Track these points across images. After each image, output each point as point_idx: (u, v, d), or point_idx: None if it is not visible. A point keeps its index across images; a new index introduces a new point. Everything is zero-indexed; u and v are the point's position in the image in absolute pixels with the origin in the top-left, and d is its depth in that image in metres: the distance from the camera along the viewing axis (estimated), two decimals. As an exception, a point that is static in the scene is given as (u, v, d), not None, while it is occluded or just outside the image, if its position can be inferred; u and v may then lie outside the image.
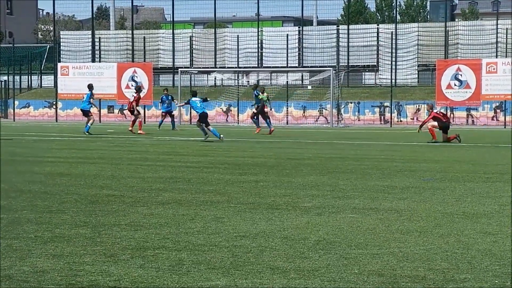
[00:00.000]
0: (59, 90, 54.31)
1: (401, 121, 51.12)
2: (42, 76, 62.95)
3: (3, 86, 59.40)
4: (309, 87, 54.87)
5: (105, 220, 9.88)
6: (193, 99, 28.62)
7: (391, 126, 48.73)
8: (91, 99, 33.17)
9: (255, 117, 37.23)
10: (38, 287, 6.49)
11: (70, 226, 9.41)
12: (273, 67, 56.92)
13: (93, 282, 6.64)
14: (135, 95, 35.80)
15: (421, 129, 29.14)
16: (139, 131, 33.46)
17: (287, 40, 57.74)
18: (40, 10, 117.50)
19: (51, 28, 77.95)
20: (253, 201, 11.73)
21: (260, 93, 37.53)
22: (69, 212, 10.48)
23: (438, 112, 29.66)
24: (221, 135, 27.76)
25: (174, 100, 42.21)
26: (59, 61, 58.14)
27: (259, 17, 60.94)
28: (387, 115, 51.45)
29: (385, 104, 51.75)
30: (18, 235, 8.79)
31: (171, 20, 63.50)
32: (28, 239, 8.55)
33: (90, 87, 33.89)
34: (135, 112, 34.28)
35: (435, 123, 28.14)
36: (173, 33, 60.00)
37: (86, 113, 33.51)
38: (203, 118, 28.07)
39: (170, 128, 39.34)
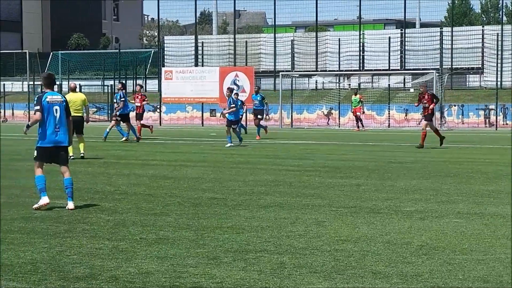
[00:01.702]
0: (163, 94, 55.09)
1: (506, 124, 50.02)
2: (147, 81, 63.96)
3: (109, 91, 60.61)
4: (412, 90, 54.22)
5: (207, 223, 9.99)
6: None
7: (496, 129, 47.75)
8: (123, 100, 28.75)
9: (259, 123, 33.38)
10: (143, 288, 6.62)
11: (174, 228, 9.54)
12: (374, 70, 56.47)
13: (196, 284, 6.72)
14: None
15: None
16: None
17: (389, 43, 57.19)
18: (145, 16, 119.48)
19: (156, 34, 79.13)
20: (354, 205, 11.68)
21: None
22: (173, 215, 10.64)
23: None
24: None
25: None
26: (163, 66, 58.99)
27: (361, 20, 60.57)
28: (492, 118, 50.43)
29: (490, 107, 50.74)
30: (124, 237, 8.97)
31: (273, 24, 63.70)
32: (133, 241, 8.71)
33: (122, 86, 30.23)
34: None
35: None
36: (274, 37, 60.14)
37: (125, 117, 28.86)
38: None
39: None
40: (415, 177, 15.94)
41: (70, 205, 11.17)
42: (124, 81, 60.82)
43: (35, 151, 11.40)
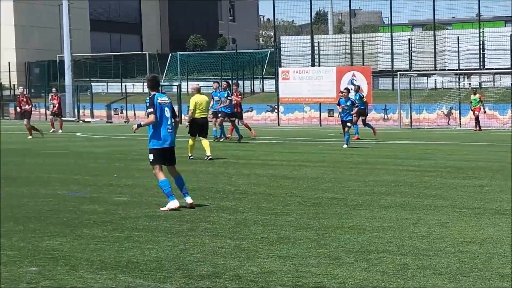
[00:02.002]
0: (280, 94, 55.29)
1: None
2: (264, 81, 64.29)
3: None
4: (536, 89, 52.82)
5: (328, 222, 9.97)
6: None
7: None
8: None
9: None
10: (266, 287, 6.65)
11: (295, 228, 9.56)
12: (495, 69, 55.26)
13: (318, 284, 6.72)
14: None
15: None
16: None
17: (511, 41, 55.89)
18: (261, 17, 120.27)
19: (272, 34, 79.51)
20: (478, 206, 11.46)
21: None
22: (293, 215, 10.66)
23: None
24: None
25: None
26: (280, 66, 59.21)
27: (480, 18, 59.38)
28: None
29: None
30: (245, 236, 9.04)
31: (389, 23, 63.11)
32: (255, 240, 8.77)
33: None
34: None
35: None
36: (391, 36, 59.54)
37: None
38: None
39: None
40: (540, 178, 15.51)
41: (189, 199, 11.28)
42: (240, 82, 61.39)
43: (151, 155, 11.31)
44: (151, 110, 11.22)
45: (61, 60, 64.74)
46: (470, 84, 55.02)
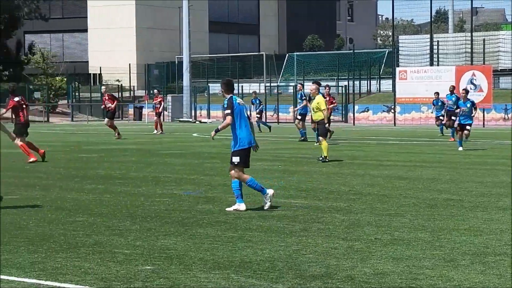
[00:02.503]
0: (397, 94, 54.76)
1: None
2: (381, 81, 63.82)
3: (343, 91, 61.02)
4: None
5: (443, 224, 9.82)
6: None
7: None
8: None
9: None
10: (379, 288, 6.61)
11: (409, 229, 9.46)
12: None
13: (432, 286, 6.63)
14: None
15: None
16: None
17: None
18: (380, 16, 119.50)
19: (390, 33, 78.88)
20: None
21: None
22: (408, 216, 10.54)
23: None
24: None
25: (261, 104, 40.32)
26: (398, 66, 58.64)
27: None
28: None
29: None
30: (358, 236, 9.00)
31: (512, 20, 61.77)
32: (368, 241, 8.71)
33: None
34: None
35: None
36: (513, 34, 58.26)
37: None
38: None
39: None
40: None
41: (271, 191, 11.18)
42: (357, 82, 61.09)
43: (236, 157, 11.16)
44: (228, 111, 11.17)
45: (179, 62, 65.82)
46: None
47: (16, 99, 19.67)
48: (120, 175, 16.20)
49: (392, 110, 56.09)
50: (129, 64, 70.23)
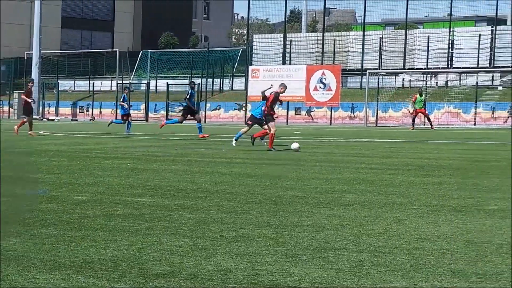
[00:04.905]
0: (249, 93, 55.35)
1: None
2: (234, 79, 64.30)
3: (196, 89, 61.21)
4: (500, 88, 53.31)
5: (288, 220, 9.99)
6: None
7: None
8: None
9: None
10: (221, 285, 6.65)
11: (254, 226, 9.57)
12: (462, 68, 55.67)
13: (273, 282, 6.73)
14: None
15: None
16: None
17: (479, 40, 56.31)
18: (235, 15, 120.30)
19: (245, 32, 79.58)
20: (436, 203, 11.57)
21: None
22: (253, 213, 10.67)
23: None
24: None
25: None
26: (251, 64, 59.22)
27: (452, 17, 59.76)
28: None
29: None
30: (204, 234, 9.04)
31: (362, 21, 63.39)
32: (213, 238, 8.77)
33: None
34: None
35: None
36: (363, 35, 59.84)
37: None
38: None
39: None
40: (499, 175, 15.72)
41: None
42: (210, 80, 61.27)
43: None
44: None
45: (28, 57, 64.37)
46: (437, 83, 55.40)
47: None
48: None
49: (244, 108, 56.59)
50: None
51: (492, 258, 7.54)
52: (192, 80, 41.52)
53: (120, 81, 64.38)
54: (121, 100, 37.84)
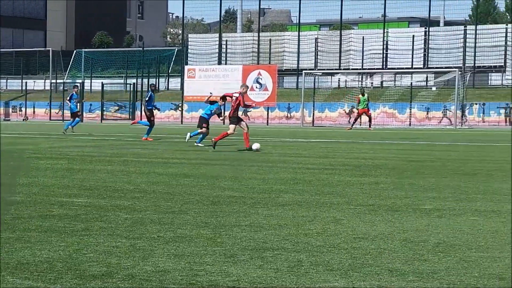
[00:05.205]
0: (185, 93, 55.19)
1: (528, 122, 49.78)
2: (170, 79, 64.07)
3: (131, 89, 60.77)
4: (434, 88, 54.08)
5: (225, 221, 9.97)
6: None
7: (518, 128, 47.49)
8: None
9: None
10: (160, 286, 6.60)
11: (192, 226, 9.54)
12: (397, 68, 56.32)
13: (212, 282, 6.71)
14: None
15: None
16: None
17: (413, 41, 57.01)
18: (170, 14, 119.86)
19: (180, 32, 79.26)
20: (373, 203, 11.66)
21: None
22: (191, 213, 10.63)
23: None
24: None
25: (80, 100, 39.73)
26: (186, 64, 59.07)
27: (385, 18, 60.39)
28: (513, 116, 50.23)
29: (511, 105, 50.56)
30: (141, 235, 8.97)
31: (297, 22, 63.71)
32: (151, 239, 8.71)
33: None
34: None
35: None
36: (298, 35, 60.12)
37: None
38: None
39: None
40: (434, 175, 15.93)
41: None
42: (145, 80, 60.95)
43: None
44: None
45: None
46: (372, 83, 55.96)
47: None
48: None
49: (180, 108, 56.42)
50: None
51: (429, 257, 7.63)
52: (152, 82, 41.41)
53: (54, 81, 63.67)
54: (68, 98, 37.78)
